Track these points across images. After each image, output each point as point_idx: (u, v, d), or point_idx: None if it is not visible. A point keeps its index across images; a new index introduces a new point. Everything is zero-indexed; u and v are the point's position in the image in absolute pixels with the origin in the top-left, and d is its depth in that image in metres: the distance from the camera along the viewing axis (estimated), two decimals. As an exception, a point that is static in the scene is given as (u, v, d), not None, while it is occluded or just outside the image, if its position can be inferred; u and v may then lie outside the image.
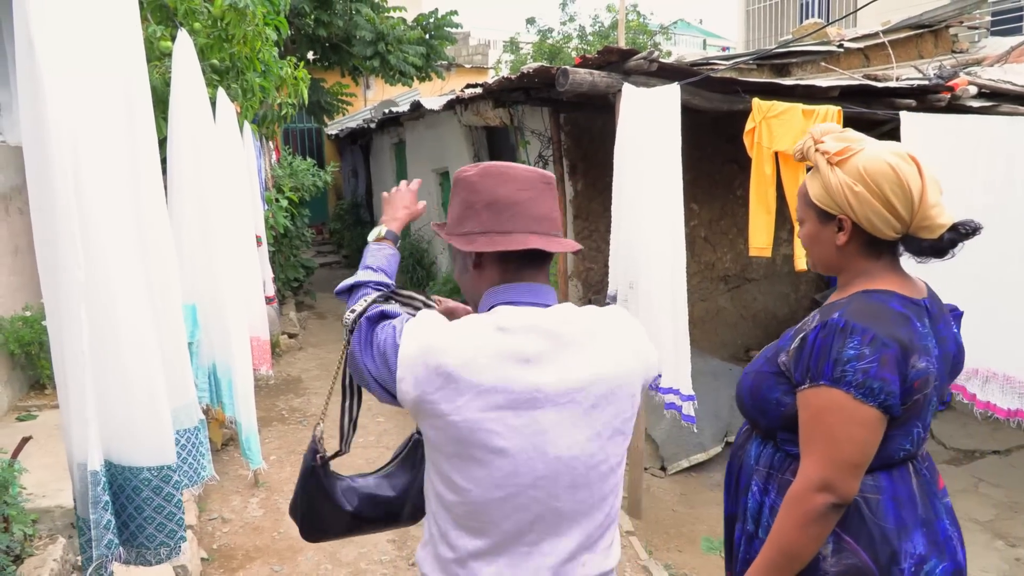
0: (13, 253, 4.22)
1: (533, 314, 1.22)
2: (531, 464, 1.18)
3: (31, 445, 2.77)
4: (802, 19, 14.04)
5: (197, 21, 3.93)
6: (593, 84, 3.56)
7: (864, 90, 3.86)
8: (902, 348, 1.31)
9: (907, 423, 1.37)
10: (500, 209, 1.25)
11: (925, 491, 1.42)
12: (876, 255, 1.42)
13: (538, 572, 1.22)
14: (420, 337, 1.19)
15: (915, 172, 1.36)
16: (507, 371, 1.16)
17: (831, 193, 1.40)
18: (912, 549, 1.36)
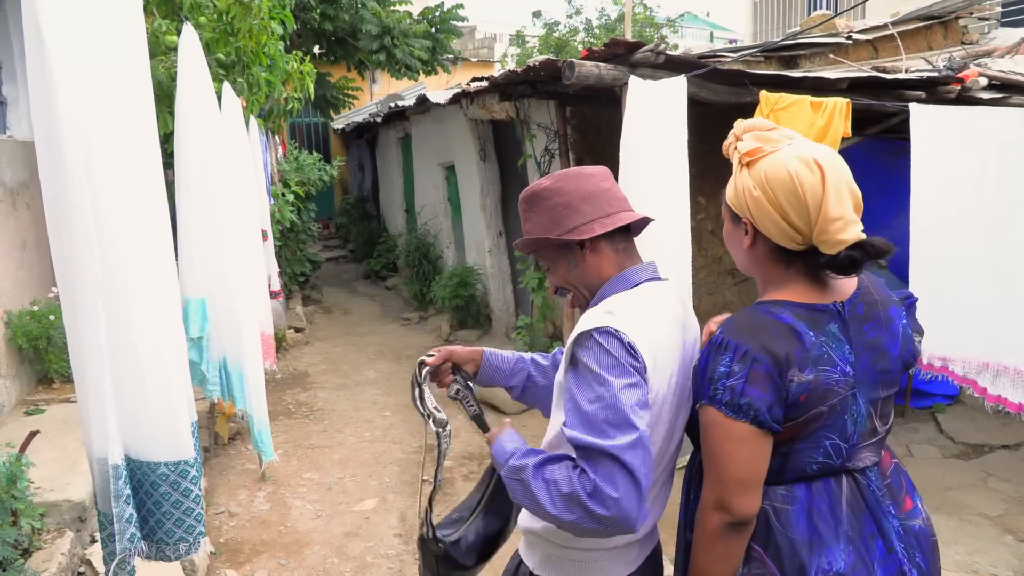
0: (21, 248, 4.23)
1: (668, 285, 1.49)
2: (678, 415, 1.42)
3: (39, 439, 2.79)
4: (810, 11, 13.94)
5: (202, 15, 3.92)
6: (599, 77, 3.54)
7: (873, 82, 3.82)
8: (776, 362, 1.27)
9: (812, 435, 1.32)
10: (595, 199, 1.45)
11: (863, 508, 1.36)
12: (786, 263, 1.36)
13: (659, 509, 1.47)
14: (641, 331, 1.32)
15: (817, 181, 1.27)
16: (677, 337, 1.41)
17: (737, 195, 1.37)
18: (826, 564, 1.31)
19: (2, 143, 4.09)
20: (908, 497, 1.42)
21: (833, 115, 3.32)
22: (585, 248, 1.45)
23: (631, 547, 1.44)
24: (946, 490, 4.07)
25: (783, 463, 1.34)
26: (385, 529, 3.67)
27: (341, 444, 4.80)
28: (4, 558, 2.13)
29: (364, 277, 11.27)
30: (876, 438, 1.39)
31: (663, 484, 1.47)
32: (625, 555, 1.43)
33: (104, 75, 1.54)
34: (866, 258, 1.28)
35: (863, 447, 1.37)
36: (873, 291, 1.42)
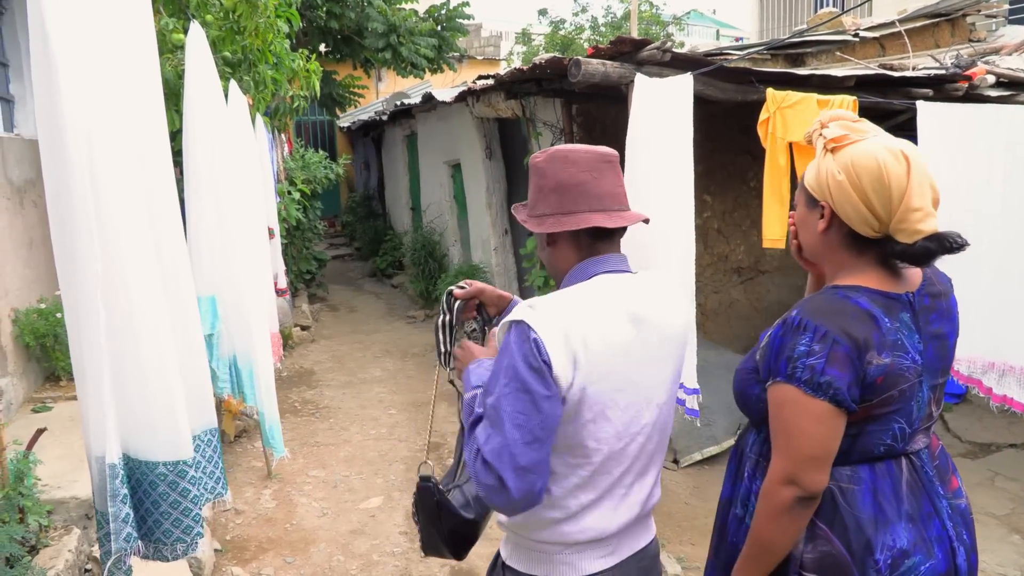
0: (28, 246, 4.25)
1: (631, 279, 1.40)
2: (640, 414, 1.36)
3: (46, 437, 2.80)
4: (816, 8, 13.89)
5: (209, 13, 3.93)
6: (606, 75, 3.53)
7: (880, 80, 3.81)
8: (855, 345, 1.32)
9: (883, 418, 1.38)
10: (564, 191, 1.38)
11: (921, 488, 1.42)
12: (858, 251, 1.41)
13: (632, 508, 1.40)
14: (557, 326, 1.27)
15: (903, 171, 1.32)
16: (627, 332, 1.32)
17: (819, 179, 1.41)
18: (891, 542, 1.36)
19: (9, 141, 4.10)
20: (954, 477, 1.48)
21: (839, 109, 3.31)
22: (544, 236, 1.44)
23: (601, 544, 1.38)
24: (953, 490, 4.05)
25: (852, 444, 1.38)
26: (391, 527, 3.68)
27: (347, 442, 4.81)
28: (11, 555, 2.14)
29: (370, 275, 11.28)
30: (930, 423, 1.45)
31: (632, 483, 1.39)
32: (593, 551, 1.38)
33: (110, 73, 1.54)
34: (941, 250, 1.32)
35: (920, 431, 1.43)
36: (936, 282, 1.47)
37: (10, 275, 3.93)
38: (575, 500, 1.35)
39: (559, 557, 1.38)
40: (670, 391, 1.43)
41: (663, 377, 1.39)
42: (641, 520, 1.45)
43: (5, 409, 3.52)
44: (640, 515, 1.43)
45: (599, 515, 1.36)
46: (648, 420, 1.37)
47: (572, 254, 1.42)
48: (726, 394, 4.68)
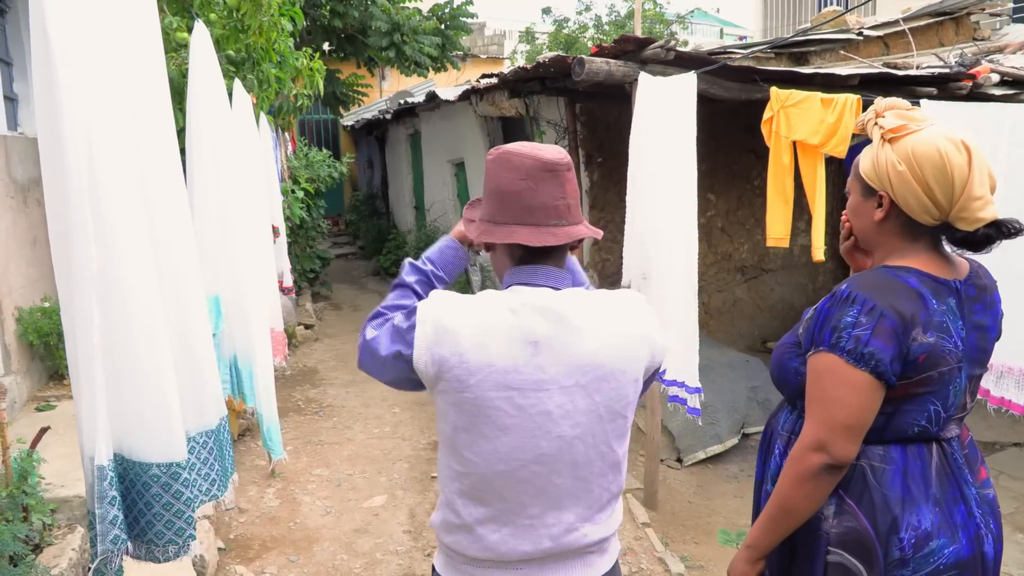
0: (32, 245, 4.26)
1: (544, 296, 1.27)
2: (535, 442, 1.25)
3: (49, 435, 2.80)
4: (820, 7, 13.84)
5: (213, 12, 3.93)
6: (609, 73, 3.53)
7: (884, 78, 3.80)
8: (902, 320, 1.34)
9: (920, 398, 1.39)
10: (499, 198, 1.31)
11: (950, 474, 1.43)
12: (912, 237, 1.43)
13: (540, 541, 1.29)
14: (434, 318, 1.24)
15: (964, 161, 1.34)
16: (516, 352, 1.23)
17: (877, 168, 1.41)
18: (916, 522, 1.38)
19: (13, 140, 4.11)
20: (983, 468, 1.50)
21: (844, 111, 3.30)
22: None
23: (508, 567, 1.31)
24: (957, 489, 4.04)
25: (887, 422, 1.40)
26: (395, 526, 3.68)
27: (350, 440, 4.81)
28: (15, 553, 2.14)
29: (373, 274, 11.29)
30: (963, 413, 1.47)
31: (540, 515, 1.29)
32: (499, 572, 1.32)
33: (112, 72, 1.54)
34: (1000, 236, 1.37)
35: (954, 419, 1.44)
36: (982, 275, 1.49)
37: (14, 273, 3.94)
38: (465, 510, 1.30)
39: (466, 568, 1.34)
40: (588, 428, 1.27)
41: (572, 408, 1.25)
42: (569, 558, 1.33)
43: (9, 408, 3.53)
44: (561, 552, 1.31)
45: (499, 538, 1.29)
46: (546, 451, 1.25)
47: (507, 261, 1.35)
48: (730, 393, 4.70)
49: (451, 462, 1.31)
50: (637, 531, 3.56)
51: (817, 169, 3.44)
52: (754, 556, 1.51)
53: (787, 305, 6.34)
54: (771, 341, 6.21)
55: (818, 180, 3.45)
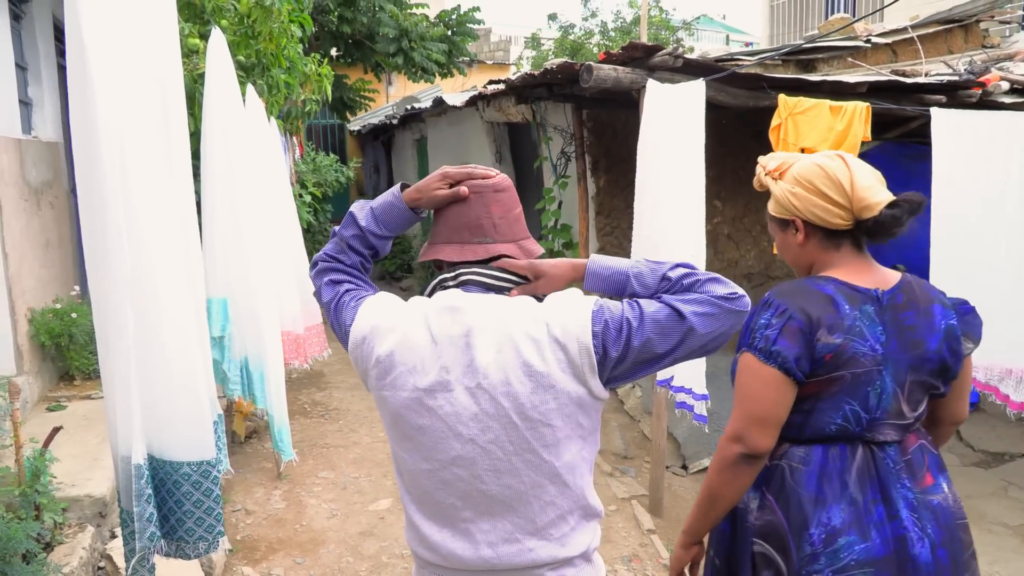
0: (44, 247, 4.29)
1: (452, 296, 1.28)
2: (447, 443, 1.26)
3: (61, 435, 2.82)
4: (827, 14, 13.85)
5: (224, 18, 3.97)
6: (617, 80, 3.55)
7: (893, 86, 3.80)
8: (808, 322, 1.46)
9: (834, 397, 1.49)
10: (437, 220, 1.38)
11: (875, 476, 1.51)
12: (835, 246, 1.57)
13: (478, 548, 1.28)
14: (368, 321, 1.31)
15: (841, 164, 1.52)
16: (423, 353, 1.26)
17: (779, 202, 1.60)
18: (826, 519, 1.48)
19: (27, 144, 4.15)
20: (929, 475, 1.55)
21: (853, 119, 3.31)
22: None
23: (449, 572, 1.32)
24: (966, 499, 4.00)
25: (805, 420, 1.52)
26: (400, 529, 3.69)
27: (356, 444, 4.83)
28: (28, 551, 2.16)
29: (379, 278, 11.32)
30: (903, 421, 1.52)
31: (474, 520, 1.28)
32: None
33: (139, 79, 1.57)
34: (905, 213, 1.48)
35: (886, 424, 1.51)
36: (917, 289, 1.57)
37: (27, 275, 3.97)
38: (411, 507, 1.35)
39: (421, 572, 1.37)
40: (502, 432, 1.24)
41: (478, 411, 1.23)
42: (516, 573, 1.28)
43: (21, 407, 3.55)
44: (508, 568, 1.27)
45: (441, 539, 1.30)
46: (461, 454, 1.25)
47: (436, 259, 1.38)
48: (736, 400, 4.68)
49: (395, 459, 1.36)
50: (642, 538, 3.56)
51: (825, 176, 3.45)
52: (688, 541, 1.64)
53: (793, 312, 6.34)
54: (777, 348, 6.20)
55: (826, 187, 3.46)
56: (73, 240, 5.08)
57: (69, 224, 4.94)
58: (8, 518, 2.19)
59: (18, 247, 3.85)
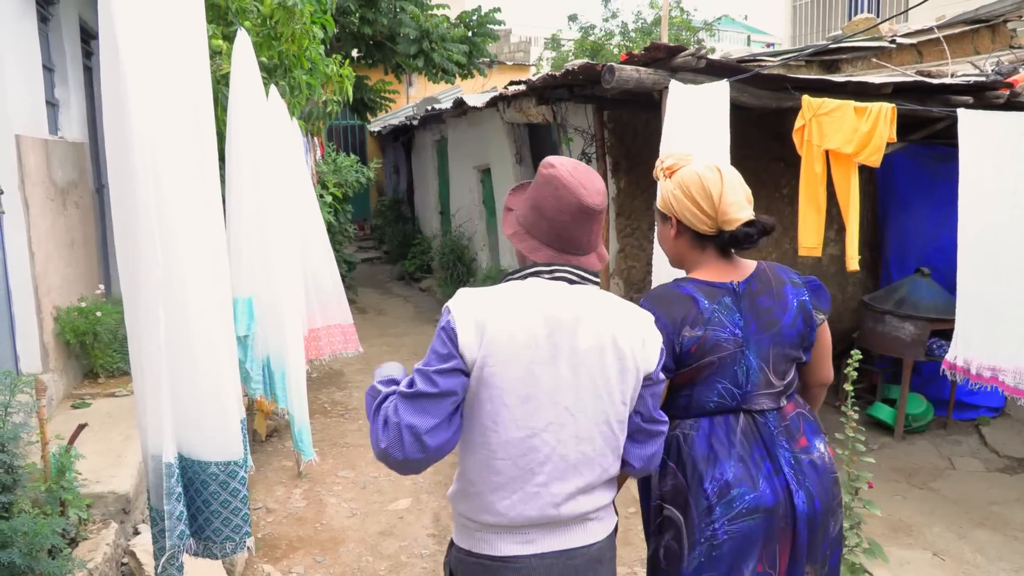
0: (69, 246, 4.36)
1: (561, 287, 1.48)
2: (545, 411, 1.44)
3: (85, 432, 2.86)
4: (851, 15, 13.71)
5: (247, 20, 4.00)
6: (639, 81, 3.53)
7: (919, 87, 3.75)
8: (672, 323, 1.69)
9: (707, 380, 1.72)
10: (537, 217, 1.52)
11: (758, 438, 1.74)
12: (701, 247, 1.79)
13: (544, 508, 1.47)
14: (470, 315, 1.42)
15: (717, 179, 1.72)
16: (535, 331, 1.43)
17: (664, 198, 1.81)
18: (719, 474, 1.69)
19: (53, 144, 4.21)
20: (804, 437, 1.79)
21: (878, 120, 3.27)
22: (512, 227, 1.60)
23: (516, 531, 1.48)
24: (990, 505, 3.97)
25: (688, 401, 1.75)
26: (419, 529, 3.70)
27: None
28: (53, 546, 2.19)
29: (398, 278, 11.36)
30: (773, 390, 1.76)
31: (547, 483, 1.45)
32: (509, 536, 1.48)
33: (171, 81, 1.58)
34: (757, 233, 1.71)
35: (759, 394, 1.75)
36: (770, 275, 1.80)
37: (52, 274, 4.03)
38: (481, 478, 1.47)
39: (479, 535, 1.51)
40: (591, 404, 1.46)
41: (576, 384, 1.45)
42: (570, 524, 1.51)
43: (47, 405, 3.61)
44: (563, 519, 1.49)
45: (509, 504, 1.46)
46: (554, 420, 1.44)
47: (531, 260, 1.54)
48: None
49: (472, 435, 1.47)
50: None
51: (851, 178, 3.41)
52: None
53: (815, 315, 6.27)
54: (798, 351, 6.15)
55: (851, 189, 3.42)
56: (98, 239, 5.14)
57: (94, 224, 5.00)
58: (34, 514, 2.22)
59: (44, 246, 3.91)
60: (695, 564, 1.68)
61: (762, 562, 1.69)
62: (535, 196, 1.52)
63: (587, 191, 1.47)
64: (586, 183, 1.48)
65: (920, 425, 4.94)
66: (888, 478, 4.26)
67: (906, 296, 4.89)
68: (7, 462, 2.12)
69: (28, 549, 2.03)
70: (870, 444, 3.72)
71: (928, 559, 3.44)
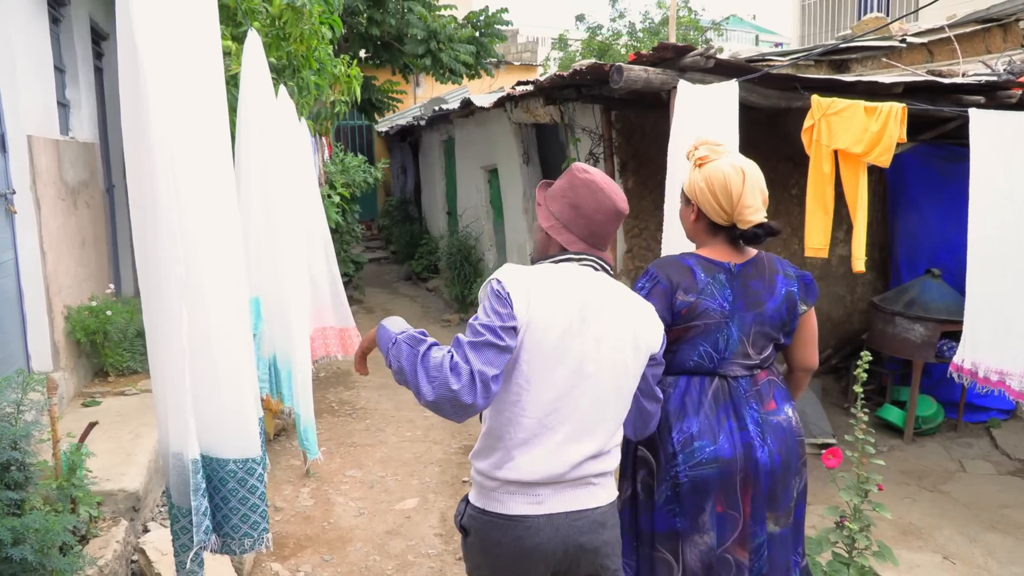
0: (80, 245, 4.38)
1: (588, 272, 1.72)
2: (574, 376, 1.63)
3: (95, 430, 2.88)
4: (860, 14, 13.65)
5: (256, 20, 4.01)
6: (648, 81, 3.53)
7: (929, 86, 3.73)
8: (670, 284, 1.97)
9: (690, 340, 1.99)
10: (575, 213, 1.74)
11: (727, 399, 1.99)
12: (714, 233, 2.05)
13: (559, 465, 1.64)
14: (523, 285, 1.62)
15: (739, 181, 1.94)
16: (571, 304, 1.64)
17: (691, 186, 2.04)
18: (685, 428, 1.97)
19: (64, 144, 4.24)
20: (773, 401, 2.03)
21: (888, 120, 3.25)
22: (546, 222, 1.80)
23: (528, 489, 1.64)
24: (1001, 508, 3.94)
25: (672, 358, 2.01)
26: (426, 528, 3.70)
27: (383, 443, 4.86)
28: (64, 543, 2.20)
29: (405, 278, 11.38)
30: (749, 361, 2.01)
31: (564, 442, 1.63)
32: (522, 495, 1.64)
33: (187, 82, 1.59)
34: (765, 233, 1.96)
35: (734, 362, 2.01)
36: (766, 264, 2.06)
37: (63, 273, 4.06)
38: (507, 434, 1.63)
39: (494, 494, 1.67)
40: (609, 371, 1.66)
41: (598, 354, 1.65)
42: (576, 486, 1.67)
43: (58, 403, 3.63)
44: (572, 479, 1.66)
45: (528, 459, 1.62)
46: (577, 385, 1.64)
47: (562, 248, 1.76)
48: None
49: (508, 395, 1.62)
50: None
51: (859, 178, 3.39)
52: None
53: (823, 316, 6.24)
54: (807, 352, 6.12)
55: (860, 190, 3.40)
56: (108, 239, 5.17)
57: (104, 223, 5.03)
58: (46, 511, 2.23)
59: (55, 246, 3.94)
60: (664, 497, 2.00)
61: (721, 504, 1.96)
62: (574, 197, 1.74)
63: (619, 197, 1.75)
64: (618, 190, 1.75)
65: (930, 427, 4.91)
66: (898, 481, 4.24)
67: (916, 297, 4.86)
68: (19, 459, 2.13)
69: (40, 546, 2.04)
70: (879, 446, 3.69)
71: (938, 562, 3.42)
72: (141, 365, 4.38)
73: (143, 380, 4.30)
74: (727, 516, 1.97)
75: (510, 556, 1.65)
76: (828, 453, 2.59)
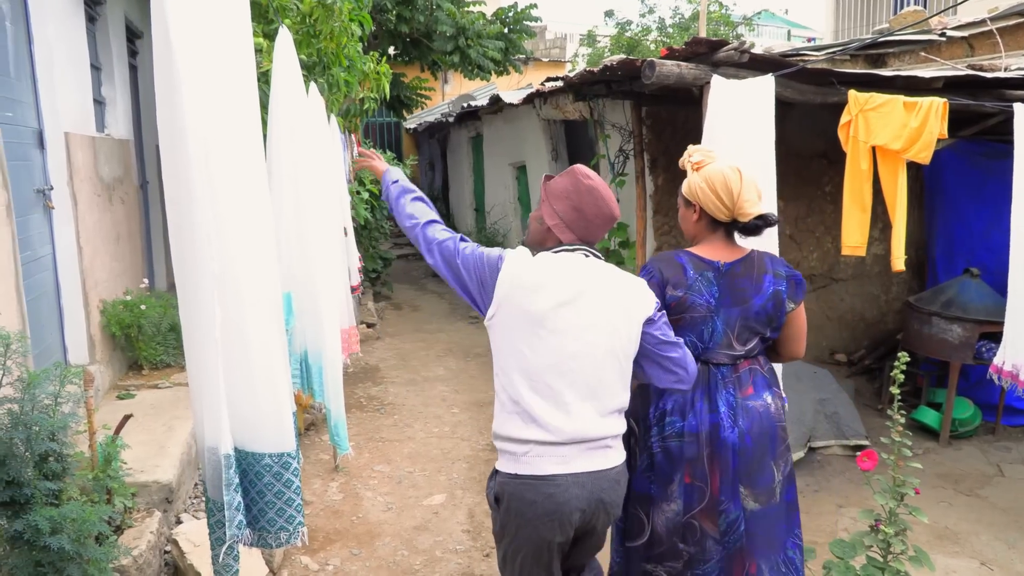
0: (115, 241, 4.46)
1: (579, 255, 1.97)
2: (571, 344, 1.88)
3: (130, 423, 2.92)
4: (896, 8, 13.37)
5: (287, 17, 4.04)
6: (680, 76, 3.48)
7: (971, 81, 3.64)
8: (662, 278, 2.18)
9: (679, 331, 2.14)
10: (577, 215, 1.99)
11: (707, 383, 2.19)
12: (714, 229, 2.23)
13: (575, 424, 1.88)
14: (515, 270, 1.90)
15: (737, 179, 2.14)
16: (564, 279, 1.89)
17: (691, 188, 2.21)
18: (662, 405, 2.22)
19: (100, 141, 4.31)
20: (751, 387, 2.21)
21: (929, 116, 3.17)
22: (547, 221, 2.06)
23: (554, 449, 1.87)
24: (1019, 512, 3.84)
25: None
26: (454, 524, 3.71)
27: (411, 439, 4.87)
28: (100, 533, 2.24)
29: (432, 275, 11.41)
30: (733, 352, 2.21)
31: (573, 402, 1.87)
32: (550, 456, 1.87)
33: (221, 79, 1.60)
34: (764, 224, 2.15)
35: (718, 352, 2.20)
36: (756, 262, 2.23)
37: (99, 268, 4.13)
38: (520, 394, 1.87)
39: (524, 458, 1.88)
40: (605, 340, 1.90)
41: (592, 324, 1.88)
42: (594, 448, 1.91)
43: (94, 395, 3.70)
44: (591, 439, 1.90)
45: (550, 417, 1.85)
46: (578, 351, 1.87)
47: (559, 241, 2.01)
48: (796, 405, 4.57)
49: (512, 363, 1.89)
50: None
51: (898, 175, 3.32)
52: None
53: (857, 316, 6.13)
54: (840, 353, 6.02)
55: (899, 187, 3.32)
56: (142, 234, 5.25)
57: (138, 219, 5.11)
58: (82, 501, 2.27)
59: (91, 241, 4.01)
60: (644, 464, 2.26)
61: (689, 475, 2.18)
62: (578, 201, 1.98)
63: (615, 205, 2.01)
64: (613, 198, 2.00)
65: (967, 430, 4.80)
66: (934, 484, 4.15)
67: (954, 297, 4.75)
68: (57, 450, 2.17)
69: (76, 535, 2.08)
70: (915, 449, 3.60)
71: (975, 568, 3.34)
72: (174, 359, 4.45)
73: (176, 373, 4.36)
74: (694, 487, 2.19)
75: (545, 513, 1.86)
76: (863, 455, 2.53)
